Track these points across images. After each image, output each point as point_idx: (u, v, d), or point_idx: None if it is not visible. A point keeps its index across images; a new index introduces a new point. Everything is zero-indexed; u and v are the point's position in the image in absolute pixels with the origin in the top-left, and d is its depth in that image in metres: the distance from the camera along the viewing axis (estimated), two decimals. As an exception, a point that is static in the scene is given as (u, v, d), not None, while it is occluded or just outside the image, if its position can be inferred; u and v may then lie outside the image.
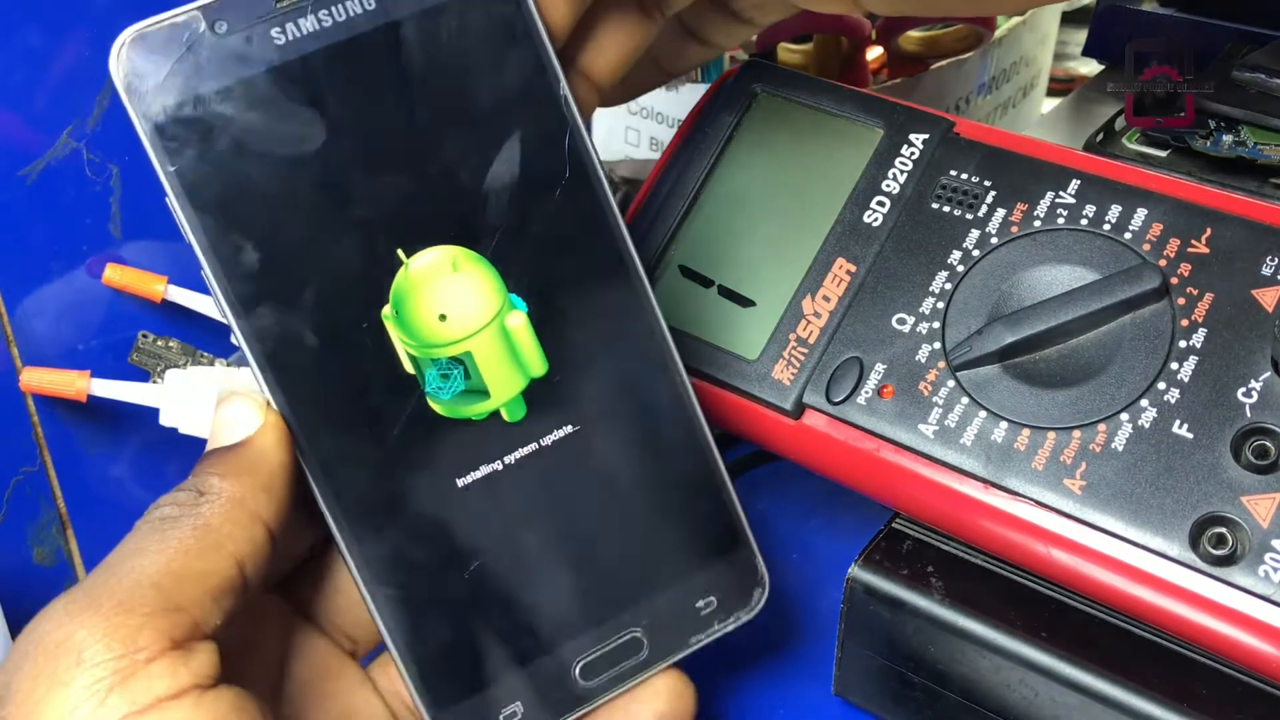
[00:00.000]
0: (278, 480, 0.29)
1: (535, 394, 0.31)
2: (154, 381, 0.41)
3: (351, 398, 0.30)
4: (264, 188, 0.29)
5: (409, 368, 0.30)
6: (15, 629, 0.38)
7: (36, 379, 0.39)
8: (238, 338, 0.29)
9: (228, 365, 0.41)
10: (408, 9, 0.29)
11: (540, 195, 0.31)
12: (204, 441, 0.40)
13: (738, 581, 0.34)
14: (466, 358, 0.30)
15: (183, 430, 0.39)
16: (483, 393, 0.31)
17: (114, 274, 0.40)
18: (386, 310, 0.30)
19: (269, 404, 0.29)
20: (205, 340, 0.42)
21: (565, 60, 0.34)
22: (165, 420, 0.39)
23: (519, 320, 0.31)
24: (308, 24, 0.28)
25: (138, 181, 0.41)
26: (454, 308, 0.30)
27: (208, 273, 0.29)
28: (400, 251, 0.30)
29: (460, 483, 0.31)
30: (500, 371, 0.31)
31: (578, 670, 0.32)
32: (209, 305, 0.41)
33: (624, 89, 0.39)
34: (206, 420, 0.39)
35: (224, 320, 0.29)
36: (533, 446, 0.31)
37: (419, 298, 0.30)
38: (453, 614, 0.31)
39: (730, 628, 0.34)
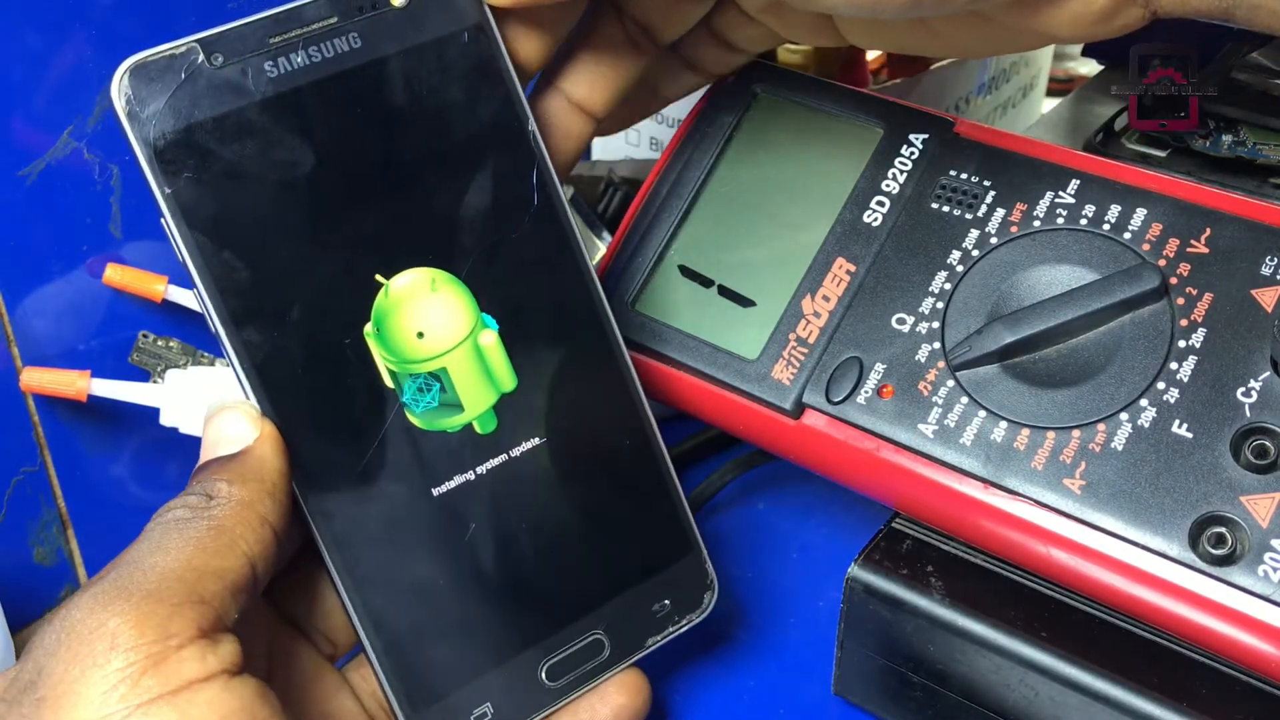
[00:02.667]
0: (279, 486, 0.30)
1: (505, 408, 0.33)
2: (154, 381, 0.41)
3: (335, 410, 0.31)
4: (255, 211, 0.30)
5: (389, 382, 0.32)
6: (15, 629, 0.38)
7: (37, 379, 0.39)
8: (228, 352, 0.30)
9: (227, 366, 0.41)
10: (390, 48, 0.31)
11: (510, 222, 0.33)
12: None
13: (690, 585, 0.36)
14: (442, 373, 0.32)
15: (183, 430, 0.39)
16: (457, 406, 0.33)
17: (114, 274, 0.40)
18: (369, 328, 0.31)
19: (262, 415, 0.30)
20: (206, 340, 0.42)
21: (558, 92, 0.36)
22: (166, 420, 0.39)
23: (491, 338, 0.33)
24: (298, 59, 0.30)
25: (138, 182, 0.41)
26: (431, 326, 0.32)
27: (200, 290, 0.30)
28: (379, 275, 0.32)
29: (436, 491, 0.32)
30: (473, 386, 0.33)
31: (544, 671, 0.33)
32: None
33: (620, 117, 0.40)
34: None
35: (214, 335, 0.30)
36: (502, 457, 0.33)
37: (399, 316, 0.32)
38: (427, 618, 0.32)
39: (684, 628, 0.35)
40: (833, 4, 0.30)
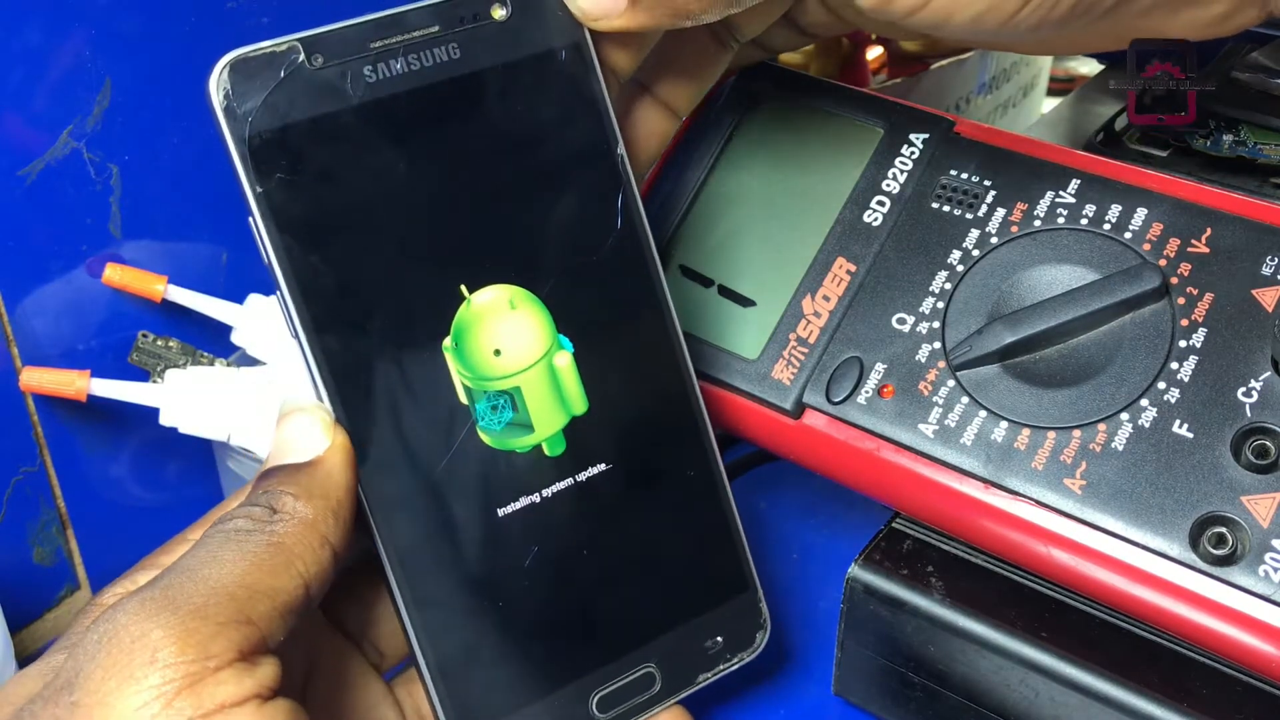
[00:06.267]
0: (344, 504, 0.29)
1: (575, 431, 0.33)
2: (154, 381, 0.41)
3: (410, 422, 0.31)
4: (344, 216, 0.30)
5: (463, 398, 0.31)
6: (15, 629, 0.39)
7: (36, 379, 0.39)
8: (306, 356, 0.30)
9: (228, 365, 0.41)
10: (489, 61, 0.31)
11: (592, 244, 0.33)
12: (204, 441, 0.41)
13: (743, 623, 0.35)
14: (515, 392, 0.32)
15: (183, 430, 0.39)
16: (527, 427, 0.32)
17: (114, 274, 0.40)
18: (447, 342, 0.31)
19: (335, 422, 0.30)
20: (205, 340, 0.42)
21: (644, 91, 0.36)
22: (165, 420, 0.39)
23: (565, 360, 0.32)
24: (398, 65, 0.30)
25: (138, 181, 0.41)
26: (508, 344, 0.32)
27: (284, 292, 0.30)
28: (464, 287, 0.31)
29: (501, 512, 0.32)
30: (545, 407, 0.32)
31: (595, 702, 0.33)
32: (209, 305, 0.41)
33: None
34: (207, 420, 0.39)
35: (294, 338, 0.30)
36: (569, 482, 0.33)
37: (478, 332, 0.31)
38: (483, 640, 0.32)
39: (734, 667, 0.35)
40: (956, 31, 0.30)
